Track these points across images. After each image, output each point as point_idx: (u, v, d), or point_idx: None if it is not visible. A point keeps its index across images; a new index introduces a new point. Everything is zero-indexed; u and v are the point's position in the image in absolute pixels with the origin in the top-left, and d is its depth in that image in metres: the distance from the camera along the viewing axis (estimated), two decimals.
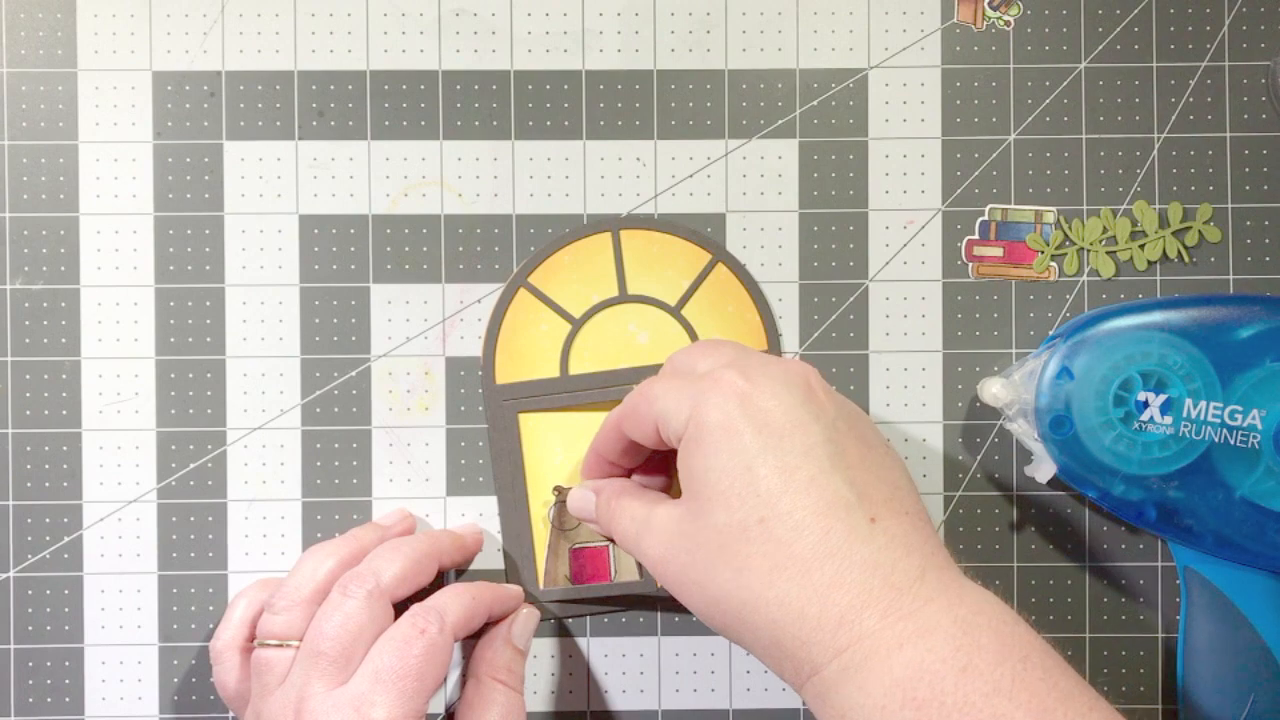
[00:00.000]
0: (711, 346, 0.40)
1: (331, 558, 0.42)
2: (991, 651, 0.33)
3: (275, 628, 0.40)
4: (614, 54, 0.47)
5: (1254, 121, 0.46)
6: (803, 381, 0.37)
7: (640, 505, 0.40)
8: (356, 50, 0.47)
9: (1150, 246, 0.46)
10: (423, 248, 0.47)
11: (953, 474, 0.46)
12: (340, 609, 0.39)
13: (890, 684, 0.33)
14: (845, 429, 0.37)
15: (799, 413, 0.36)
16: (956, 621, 0.34)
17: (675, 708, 0.46)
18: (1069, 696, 0.33)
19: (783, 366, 0.38)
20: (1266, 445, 0.41)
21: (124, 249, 0.46)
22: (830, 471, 0.35)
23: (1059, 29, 0.47)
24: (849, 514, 0.35)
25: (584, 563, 0.46)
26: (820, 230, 0.47)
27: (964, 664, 0.33)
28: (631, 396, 0.40)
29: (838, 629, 0.34)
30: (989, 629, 0.34)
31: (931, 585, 0.35)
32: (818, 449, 0.36)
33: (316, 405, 0.46)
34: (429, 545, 0.43)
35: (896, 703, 0.33)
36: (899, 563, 0.35)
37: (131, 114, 0.47)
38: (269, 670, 0.40)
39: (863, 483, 0.36)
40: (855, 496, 0.35)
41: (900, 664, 0.33)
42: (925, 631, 0.33)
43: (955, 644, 0.33)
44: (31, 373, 0.46)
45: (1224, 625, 0.44)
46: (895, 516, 0.36)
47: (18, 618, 0.46)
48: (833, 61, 0.47)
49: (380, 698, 0.38)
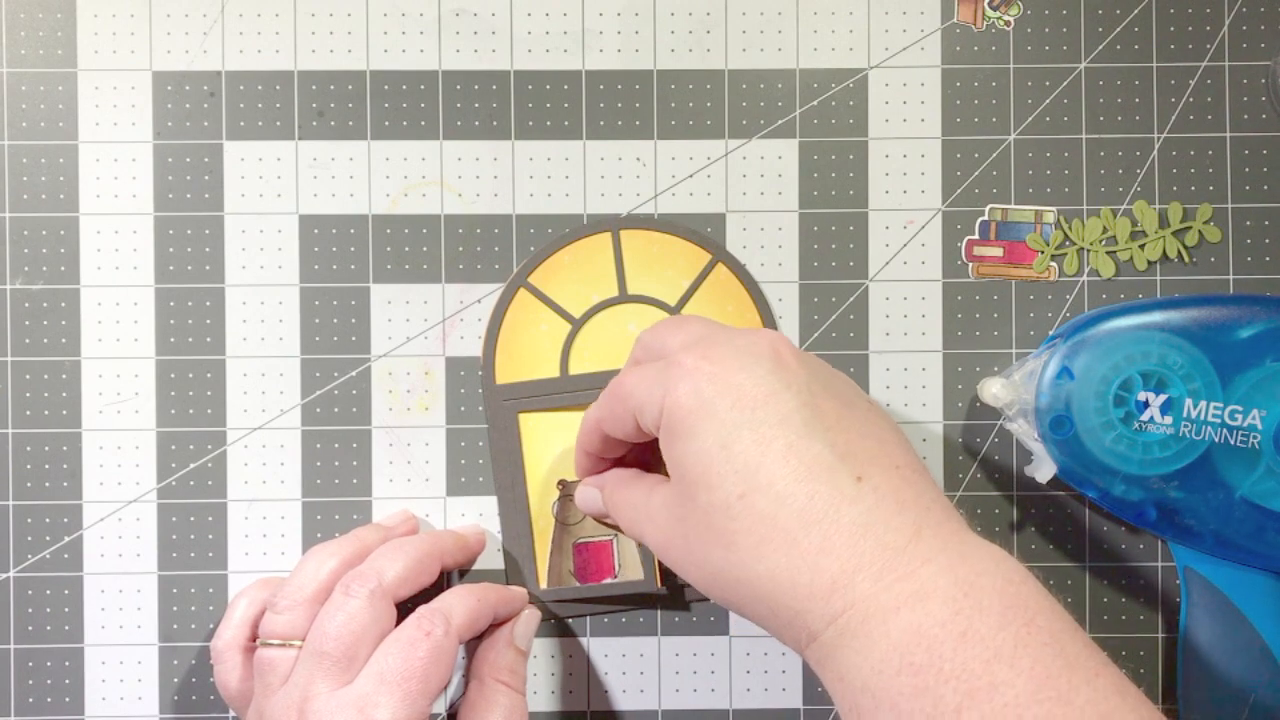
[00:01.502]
0: (677, 324, 0.40)
1: (334, 558, 0.42)
2: (994, 614, 0.32)
3: (278, 627, 0.40)
4: (614, 54, 0.47)
5: (1254, 121, 0.46)
6: (770, 351, 0.37)
7: (639, 493, 0.40)
8: (356, 50, 0.47)
9: (1150, 246, 0.46)
10: (423, 248, 0.47)
11: (953, 474, 0.46)
12: (343, 609, 0.39)
13: (887, 648, 0.32)
14: (820, 390, 0.36)
15: (770, 382, 0.36)
16: (957, 583, 0.32)
17: (675, 708, 0.46)
18: (1075, 661, 0.32)
19: (748, 338, 0.37)
20: (1267, 445, 0.41)
21: (124, 249, 0.46)
22: (807, 436, 0.35)
23: (1059, 29, 0.47)
24: (832, 476, 0.34)
25: (588, 558, 0.46)
26: (820, 230, 0.47)
27: (963, 628, 0.32)
28: (606, 396, 0.40)
29: (830, 595, 0.33)
30: (992, 590, 0.32)
31: (929, 543, 0.33)
32: (793, 416, 0.35)
33: (316, 405, 0.46)
34: (431, 545, 0.43)
35: (893, 668, 0.32)
36: (891, 520, 0.34)
37: (131, 114, 0.47)
38: (272, 670, 0.40)
39: (844, 442, 0.35)
40: (837, 457, 0.35)
41: (897, 628, 0.32)
42: (923, 594, 0.32)
43: (954, 607, 0.32)
44: (31, 373, 0.46)
45: (1224, 625, 0.44)
46: (884, 472, 0.35)
47: (18, 618, 0.46)
48: (833, 61, 0.47)
49: (385, 699, 0.38)
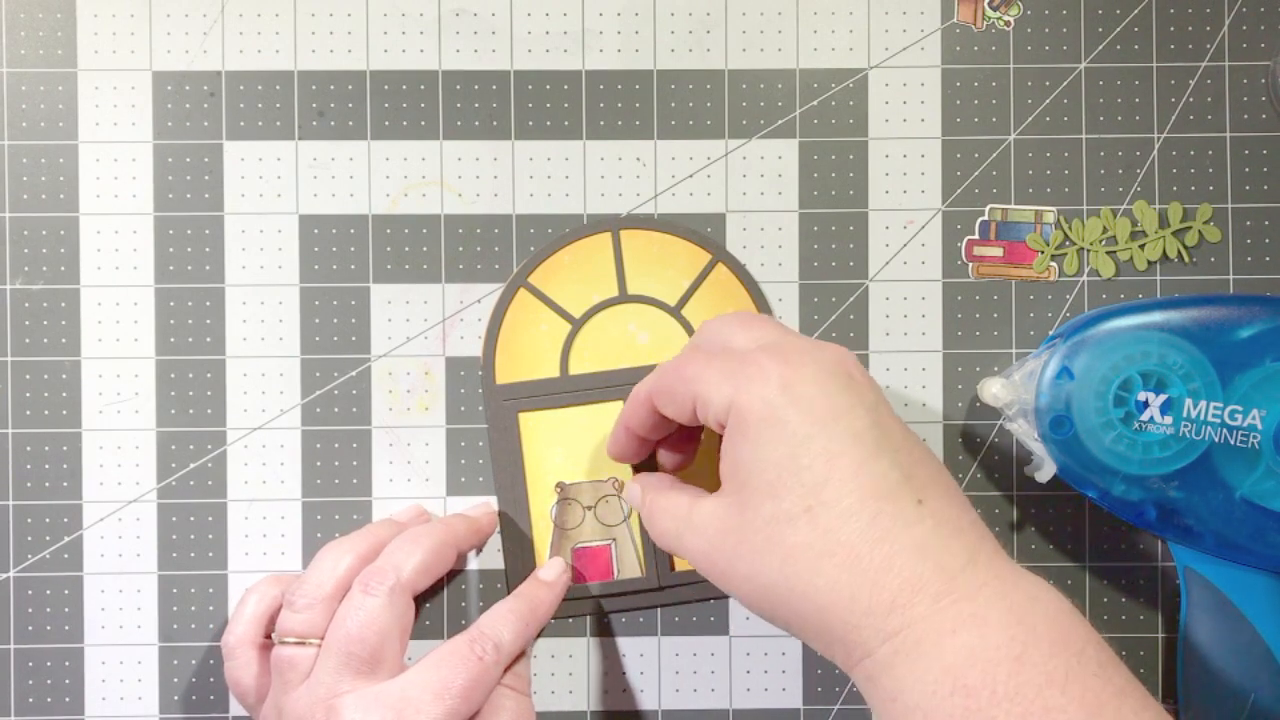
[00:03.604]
0: (747, 320, 0.40)
1: (350, 554, 0.42)
2: (1047, 642, 0.32)
3: (296, 625, 0.40)
4: (614, 54, 0.47)
5: (1254, 121, 0.46)
6: (842, 367, 0.37)
7: (681, 503, 0.39)
8: (356, 50, 0.47)
9: (1150, 246, 0.46)
10: (423, 248, 0.47)
11: (953, 474, 0.46)
12: (363, 607, 0.40)
13: (941, 670, 0.32)
14: (887, 412, 0.37)
15: (842, 398, 0.36)
16: (1011, 609, 0.33)
17: (675, 708, 0.46)
18: (1122, 693, 0.32)
19: (823, 351, 0.37)
20: (1266, 445, 0.41)
21: (124, 249, 0.46)
22: (876, 455, 0.35)
23: (1059, 29, 0.47)
24: (896, 497, 0.35)
25: (586, 562, 0.46)
26: (820, 230, 0.47)
27: (1018, 653, 0.32)
28: (665, 373, 0.40)
29: (889, 614, 0.33)
30: (1045, 618, 0.33)
31: (983, 570, 0.34)
32: (864, 434, 0.35)
33: (316, 405, 0.46)
34: (445, 533, 0.43)
35: (947, 689, 0.32)
36: (949, 545, 0.34)
37: (131, 114, 0.47)
38: (292, 668, 0.40)
39: (908, 464, 0.36)
40: (902, 477, 0.35)
41: (952, 650, 0.32)
42: (979, 618, 0.33)
43: (1009, 632, 0.32)
44: (31, 373, 0.46)
45: (1224, 625, 0.44)
46: (941, 497, 0.35)
47: (18, 618, 0.46)
48: (833, 61, 0.47)
49: (427, 708, 0.38)
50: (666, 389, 0.39)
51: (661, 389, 0.40)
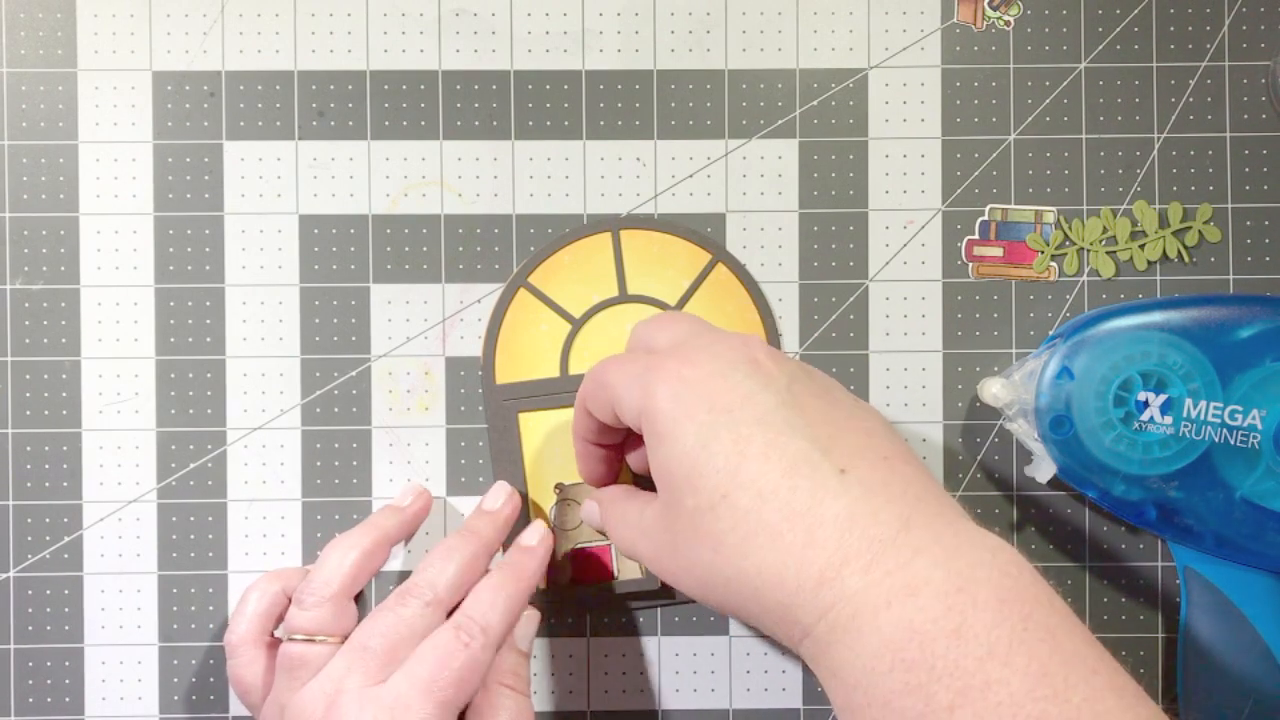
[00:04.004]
0: (666, 321, 0.40)
1: (355, 549, 0.42)
2: (989, 610, 0.31)
3: (304, 623, 0.40)
4: (614, 54, 0.47)
5: (1254, 121, 0.46)
6: (746, 356, 0.37)
7: (633, 510, 0.40)
8: (356, 50, 0.47)
9: (1150, 246, 0.46)
10: (423, 248, 0.47)
11: (953, 474, 0.46)
12: (394, 611, 0.40)
13: (879, 644, 0.31)
14: (802, 390, 0.36)
15: (746, 385, 0.36)
16: (950, 576, 0.32)
17: (675, 708, 0.46)
18: (1072, 658, 0.31)
19: (725, 342, 0.37)
20: (1266, 445, 0.41)
21: (124, 249, 0.46)
22: (787, 432, 0.35)
23: (1059, 29, 0.47)
24: (814, 470, 0.34)
25: (586, 563, 0.46)
26: (820, 230, 0.47)
27: (956, 625, 0.31)
28: (590, 377, 0.40)
29: (818, 589, 0.33)
30: (987, 584, 0.32)
31: (920, 535, 0.33)
32: (771, 415, 0.35)
33: (316, 405, 0.46)
34: (477, 545, 0.42)
35: (885, 664, 0.31)
36: (879, 513, 0.33)
37: (131, 114, 0.47)
38: (301, 665, 0.40)
39: (827, 436, 0.35)
40: (819, 451, 0.34)
41: (889, 623, 0.31)
42: (914, 588, 0.31)
43: (947, 603, 0.31)
44: (31, 373, 0.46)
45: (1224, 625, 0.44)
46: (870, 464, 0.34)
47: (18, 618, 0.46)
48: (833, 61, 0.47)
49: (418, 705, 0.38)
50: (591, 394, 0.40)
51: (587, 394, 0.40)
